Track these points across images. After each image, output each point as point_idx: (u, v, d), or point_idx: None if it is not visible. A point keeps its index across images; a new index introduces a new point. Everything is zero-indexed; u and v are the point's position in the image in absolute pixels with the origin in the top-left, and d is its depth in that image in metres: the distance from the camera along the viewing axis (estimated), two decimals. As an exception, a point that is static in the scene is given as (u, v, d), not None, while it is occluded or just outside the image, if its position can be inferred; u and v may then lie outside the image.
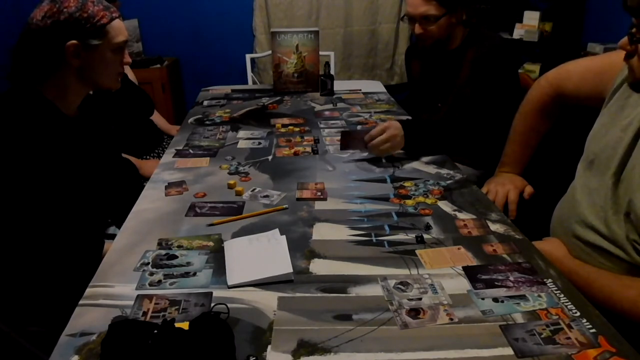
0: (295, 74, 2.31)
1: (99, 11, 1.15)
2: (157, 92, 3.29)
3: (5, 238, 1.13)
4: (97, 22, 1.15)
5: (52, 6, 1.11)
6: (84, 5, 1.13)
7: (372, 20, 3.62)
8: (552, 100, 1.41)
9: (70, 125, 1.22)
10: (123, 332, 0.73)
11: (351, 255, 1.03)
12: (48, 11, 1.11)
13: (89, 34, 1.14)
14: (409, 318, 0.84)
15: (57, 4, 1.12)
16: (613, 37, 2.47)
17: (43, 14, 1.11)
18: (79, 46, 1.14)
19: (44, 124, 1.15)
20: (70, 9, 1.12)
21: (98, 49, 1.17)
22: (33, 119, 1.13)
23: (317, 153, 1.59)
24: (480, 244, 1.06)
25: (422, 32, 1.71)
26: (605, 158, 1.08)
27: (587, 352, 0.76)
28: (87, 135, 1.29)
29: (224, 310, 0.84)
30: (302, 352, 0.77)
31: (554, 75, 1.41)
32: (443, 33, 1.71)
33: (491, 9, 3.02)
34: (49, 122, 1.16)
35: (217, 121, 1.94)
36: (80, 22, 1.13)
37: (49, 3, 1.12)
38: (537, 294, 0.89)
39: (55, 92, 1.18)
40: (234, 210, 1.22)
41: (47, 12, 1.11)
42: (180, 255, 1.03)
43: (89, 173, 1.27)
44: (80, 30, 1.13)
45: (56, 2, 1.12)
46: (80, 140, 1.25)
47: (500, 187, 1.44)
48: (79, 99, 1.25)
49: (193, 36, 3.62)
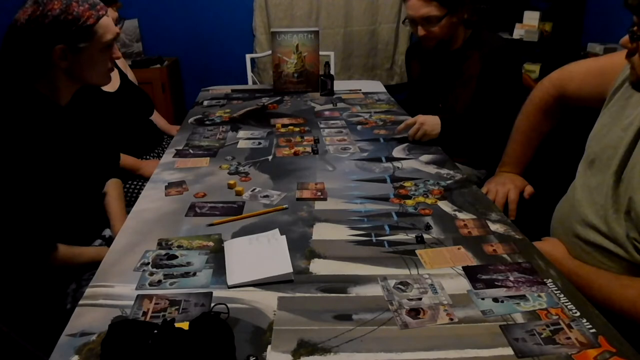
0: (295, 74, 2.31)
1: (84, 11, 1.11)
2: (157, 92, 3.29)
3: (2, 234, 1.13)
4: (84, 24, 1.11)
5: (36, 9, 1.08)
6: (69, 7, 1.09)
7: (372, 20, 3.62)
8: (555, 101, 1.41)
9: (62, 114, 1.21)
10: (123, 332, 0.73)
11: (351, 255, 1.03)
12: (32, 14, 1.08)
13: (75, 36, 1.11)
14: (409, 318, 0.84)
15: (41, 6, 1.08)
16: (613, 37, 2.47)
17: (27, 17, 1.08)
18: (66, 49, 1.11)
19: (37, 114, 1.13)
20: (54, 11, 1.08)
21: (86, 50, 1.14)
22: (25, 109, 1.12)
23: (317, 153, 1.59)
24: (480, 244, 1.06)
25: (425, 34, 1.71)
26: (606, 157, 1.08)
27: (587, 352, 0.76)
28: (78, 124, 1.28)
29: (224, 310, 0.84)
30: (302, 352, 0.77)
31: (556, 76, 1.41)
32: (446, 33, 1.71)
33: (491, 9, 3.02)
34: (41, 112, 1.15)
35: (217, 121, 1.94)
36: (65, 25, 1.09)
37: (32, 5, 1.08)
38: (537, 294, 0.89)
39: (47, 86, 1.17)
40: (234, 210, 1.22)
41: (31, 16, 1.08)
42: (180, 255, 1.03)
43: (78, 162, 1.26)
44: (67, 34, 1.10)
45: (40, 4, 1.08)
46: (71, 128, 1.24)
47: (501, 186, 1.44)
48: (70, 93, 1.24)
49: (193, 36, 3.62)
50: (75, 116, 1.27)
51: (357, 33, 3.63)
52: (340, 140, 1.70)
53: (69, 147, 1.22)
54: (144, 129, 2.06)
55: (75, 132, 1.26)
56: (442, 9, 1.64)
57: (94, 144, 1.34)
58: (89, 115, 1.35)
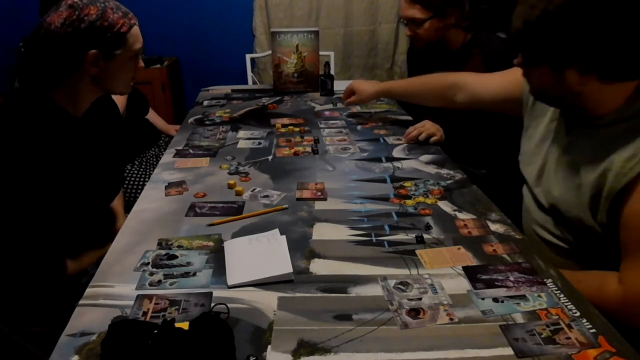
0: (295, 74, 2.31)
1: (119, 19, 1.12)
2: (157, 92, 3.29)
3: (5, 236, 1.13)
4: (118, 31, 1.12)
5: (72, 13, 1.07)
6: (104, 14, 1.10)
7: (372, 20, 3.62)
8: (455, 91, 1.55)
9: (77, 126, 1.21)
10: (123, 332, 0.73)
11: (351, 255, 1.03)
12: (67, 18, 1.07)
13: (109, 43, 1.12)
14: (409, 318, 0.84)
15: (77, 11, 1.08)
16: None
17: (62, 20, 1.07)
18: (99, 55, 1.11)
19: (51, 126, 1.13)
20: (90, 17, 1.08)
21: (117, 57, 1.15)
22: (40, 120, 1.11)
23: (317, 153, 1.59)
24: (480, 244, 1.06)
25: (411, 34, 1.78)
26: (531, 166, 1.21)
27: (587, 352, 0.76)
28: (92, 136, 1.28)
29: (224, 310, 0.84)
30: (302, 352, 0.77)
31: (473, 78, 1.53)
32: (432, 35, 1.73)
33: (490, 9, 3.02)
34: (56, 125, 1.14)
35: (217, 121, 1.94)
36: (101, 31, 1.10)
37: (68, 9, 1.08)
38: (537, 294, 0.90)
39: (66, 95, 1.16)
40: (234, 210, 1.22)
41: (67, 20, 1.07)
42: (180, 255, 1.03)
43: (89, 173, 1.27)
44: (101, 40, 1.10)
45: (76, 8, 1.08)
46: (85, 141, 1.24)
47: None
48: (88, 103, 1.23)
49: (193, 36, 3.62)
50: (89, 129, 1.26)
51: (357, 33, 3.63)
52: (340, 140, 1.70)
53: (81, 161, 1.21)
54: (139, 128, 2.06)
55: (88, 145, 1.25)
56: (426, 12, 1.69)
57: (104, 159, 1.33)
58: (103, 129, 1.34)
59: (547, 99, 1.11)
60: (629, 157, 0.94)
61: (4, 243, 1.12)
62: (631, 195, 0.94)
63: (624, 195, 0.95)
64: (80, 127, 1.22)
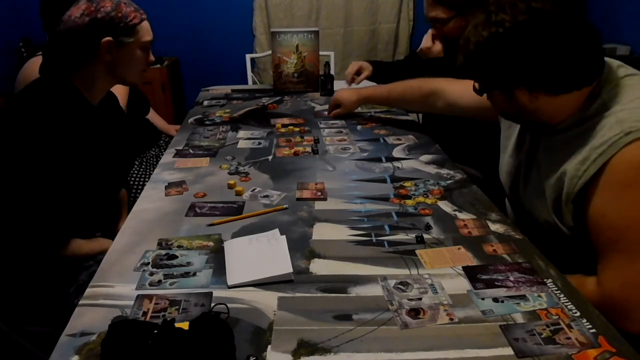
0: (295, 74, 2.31)
1: (131, 12, 1.25)
2: (157, 92, 3.29)
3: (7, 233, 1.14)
4: (130, 22, 1.25)
5: (90, 5, 1.20)
6: (118, 6, 1.23)
7: (372, 20, 3.62)
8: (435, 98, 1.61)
9: (93, 114, 1.29)
10: (123, 332, 0.73)
11: (351, 255, 1.03)
12: (86, 9, 1.20)
13: (122, 32, 1.24)
14: (409, 318, 0.84)
15: (94, 3, 1.20)
16: (613, 37, 2.48)
17: (81, 11, 1.20)
18: (112, 42, 1.23)
19: (70, 108, 1.21)
20: (106, 8, 1.21)
21: (128, 46, 1.26)
22: (59, 102, 1.20)
23: (317, 153, 1.59)
24: (480, 244, 1.06)
25: (436, 32, 1.81)
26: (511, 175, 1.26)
27: (587, 352, 0.76)
28: (105, 125, 1.35)
29: (224, 310, 0.84)
30: (302, 352, 0.77)
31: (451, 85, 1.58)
32: (456, 34, 1.74)
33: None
34: (74, 108, 1.23)
35: (217, 121, 1.94)
36: (115, 21, 1.22)
37: (86, 2, 1.21)
38: (537, 294, 0.90)
39: (83, 82, 1.26)
40: (234, 210, 1.22)
41: (85, 10, 1.20)
42: (180, 255, 1.03)
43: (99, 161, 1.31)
44: (115, 29, 1.22)
45: (93, 2, 1.21)
46: (98, 128, 1.31)
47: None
48: (103, 92, 1.33)
49: (193, 36, 3.62)
50: (103, 118, 1.34)
51: (357, 33, 3.63)
52: (340, 140, 1.70)
53: (94, 147, 1.28)
54: (140, 128, 2.06)
55: (101, 133, 1.33)
56: (449, 12, 1.70)
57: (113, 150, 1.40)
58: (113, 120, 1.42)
59: (510, 117, 1.16)
60: (581, 160, 0.97)
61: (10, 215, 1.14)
62: (590, 199, 0.96)
63: (584, 198, 0.98)
64: (96, 115, 1.30)
